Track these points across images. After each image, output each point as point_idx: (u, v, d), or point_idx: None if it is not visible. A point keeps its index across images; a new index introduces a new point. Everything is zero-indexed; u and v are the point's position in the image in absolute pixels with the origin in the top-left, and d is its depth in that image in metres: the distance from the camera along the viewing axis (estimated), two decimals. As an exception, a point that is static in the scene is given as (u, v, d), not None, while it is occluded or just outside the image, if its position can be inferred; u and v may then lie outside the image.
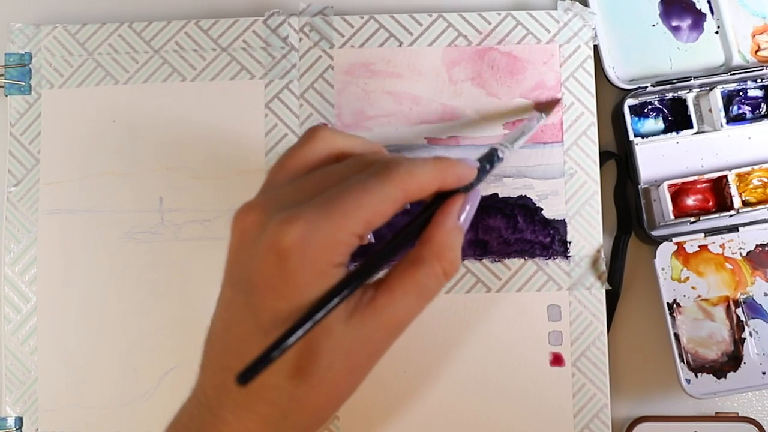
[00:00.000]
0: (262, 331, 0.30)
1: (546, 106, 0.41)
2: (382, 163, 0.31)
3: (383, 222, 0.31)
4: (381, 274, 0.32)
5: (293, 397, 0.30)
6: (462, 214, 0.33)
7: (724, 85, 0.49)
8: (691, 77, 0.48)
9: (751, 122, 0.49)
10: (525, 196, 0.49)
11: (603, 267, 0.48)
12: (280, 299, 0.29)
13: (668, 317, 0.47)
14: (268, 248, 0.29)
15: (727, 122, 0.49)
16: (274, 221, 0.29)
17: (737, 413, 0.47)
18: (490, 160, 0.36)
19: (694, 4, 0.51)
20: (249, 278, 0.30)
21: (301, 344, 0.29)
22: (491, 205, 0.48)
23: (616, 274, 0.48)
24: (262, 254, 0.29)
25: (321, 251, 0.29)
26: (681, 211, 0.48)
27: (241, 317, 0.31)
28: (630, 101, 0.49)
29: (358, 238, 0.31)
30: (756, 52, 0.50)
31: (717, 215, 0.48)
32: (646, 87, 0.48)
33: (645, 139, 0.49)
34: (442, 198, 0.33)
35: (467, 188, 0.34)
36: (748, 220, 0.48)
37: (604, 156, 0.49)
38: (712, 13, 0.51)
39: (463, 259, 0.48)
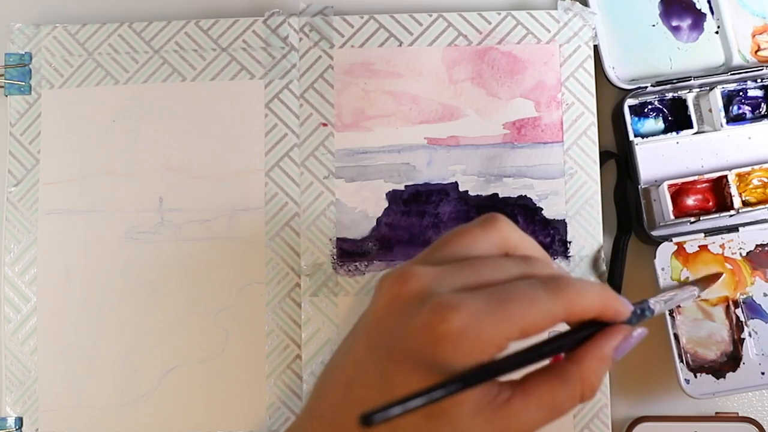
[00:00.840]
0: (388, 396, 0.28)
1: (704, 281, 0.42)
2: (552, 276, 0.30)
3: (536, 335, 0.30)
4: (516, 375, 0.31)
5: None
6: (620, 346, 0.32)
7: (724, 85, 0.49)
8: (691, 77, 0.48)
9: (751, 122, 0.49)
10: (525, 196, 0.49)
11: (603, 267, 0.48)
12: (418, 380, 0.28)
13: (668, 317, 0.47)
14: (424, 328, 0.28)
15: (727, 122, 0.49)
16: (437, 301, 0.28)
17: (737, 413, 0.48)
18: (642, 309, 0.35)
19: (694, 4, 0.51)
20: (391, 347, 0.29)
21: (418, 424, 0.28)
22: (491, 205, 0.48)
23: (616, 274, 0.48)
24: (415, 331, 0.28)
25: (474, 348, 0.28)
26: (681, 211, 0.48)
27: (369, 382, 0.30)
28: (630, 101, 0.49)
29: (509, 343, 0.29)
30: (756, 52, 0.50)
31: (717, 215, 0.48)
32: (646, 87, 0.48)
33: (645, 139, 0.49)
34: (592, 325, 0.32)
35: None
36: (748, 220, 0.48)
37: (604, 156, 0.49)
38: (712, 13, 0.51)
39: (464, 260, 0.48)
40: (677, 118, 0.50)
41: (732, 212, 0.47)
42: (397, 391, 0.28)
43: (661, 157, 0.49)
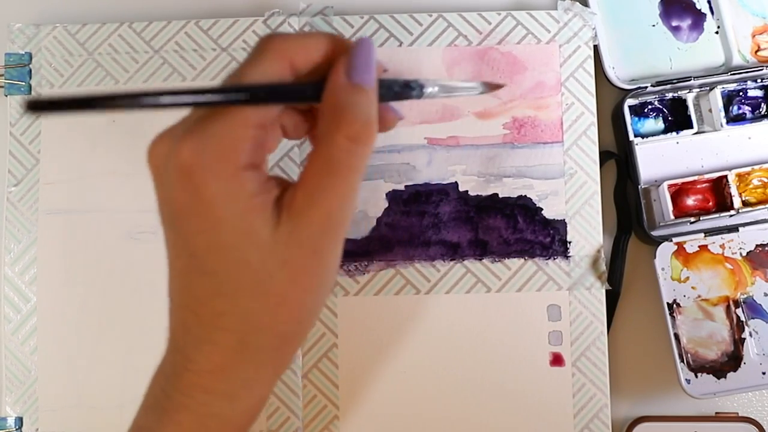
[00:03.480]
0: (195, 257, 0.29)
1: (490, 86, 0.38)
2: (262, 38, 0.29)
3: (282, 101, 0.29)
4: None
5: (245, 318, 0.29)
6: (352, 65, 0.29)
7: (724, 85, 0.49)
8: (691, 77, 0.48)
9: (751, 122, 0.49)
10: (525, 196, 0.49)
11: (603, 267, 0.48)
12: (201, 219, 0.28)
13: (668, 317, 0.47)
14: (174, 172, 0.28)
15: (727, 122, 0.49)
16: (174, 144, 0.28)
17: (737, 413, 0.47)
18: (407, 81, 0.31)
19: (694, 4, 0.51)
20: (170, 210, 0.29)
21: (229, 265, 0.29)
22: (491, 205, 0.48)
23: (616, 274, 0.48)
24: (172, 181, 0.28)
25: (219, 156, 0.28)
26: (681, 211, 0.48)
27: (177, 251, 0.30)
28: (630, 101, 0.49)
29: (258, 128, 0.29)
30: (756, 52, 0.50)
31: (717, 215, 0.48)
32: (646, 87, 0.48)
33: (645, 139, 0.49)
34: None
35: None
36: (748, 220, 0.48)
37: (604, 156, 0.49)
38: (712, 13, 0.51)
39: (463, 259, 0.48)
40: (677, 118, 0.50)
41: (732, 212, 0.47)
42: (196, 241, 0.29)
43: (661, 157, 0.49)
